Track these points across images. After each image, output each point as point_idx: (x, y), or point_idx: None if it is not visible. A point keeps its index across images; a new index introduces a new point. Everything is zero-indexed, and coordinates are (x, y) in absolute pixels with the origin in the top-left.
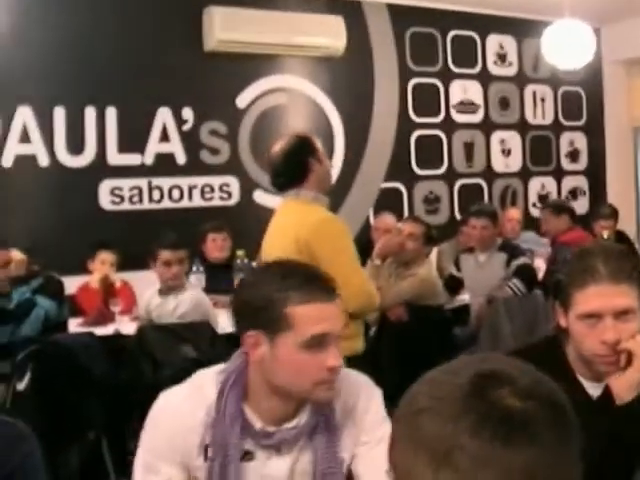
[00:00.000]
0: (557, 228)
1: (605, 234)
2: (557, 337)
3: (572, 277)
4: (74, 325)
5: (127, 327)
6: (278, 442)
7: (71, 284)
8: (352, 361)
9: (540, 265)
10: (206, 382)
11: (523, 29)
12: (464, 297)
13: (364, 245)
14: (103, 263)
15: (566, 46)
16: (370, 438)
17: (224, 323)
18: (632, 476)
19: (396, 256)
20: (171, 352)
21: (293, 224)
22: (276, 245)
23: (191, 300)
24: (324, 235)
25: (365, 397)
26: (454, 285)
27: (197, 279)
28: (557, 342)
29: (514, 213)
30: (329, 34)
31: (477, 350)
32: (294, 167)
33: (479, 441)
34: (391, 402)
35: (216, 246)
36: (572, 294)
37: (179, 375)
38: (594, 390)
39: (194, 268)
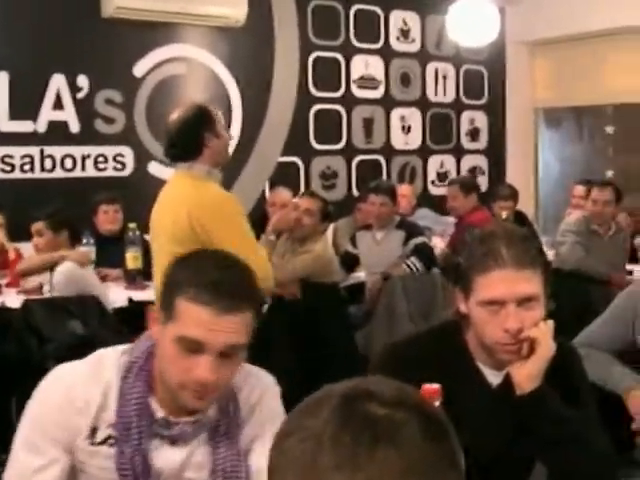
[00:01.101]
0: (464, 207)
1: (504, 214)
2: (457, 322)
3: (473, 261)
4: None
5: (13, 300)
6: (176, 435)
7: None
8: None
9: (437, 244)
10: (106, 362)
11: (427, 6)
12: (360, 274)
13: (259, 219)
14: None
15: (470, 24)
16: (266, 431)
17: (114, 297)
18: (532, 466)
19: (291, 232)
20: (58, 328)
21: (185, 200)
22: (166, 220)
23: (63, 274)
24: (218, 215)
25: (265, 391)
26: (350, 262)
27: (87, 252)
28: (457, 328)
29: (406, 189)
30: (230, 4)
31: (372, 329)
32: (188, 140)
33: (341, 450)
34: (279, 381)
35: (108, 218)
36: (473, 279)
37: (65, 351)
38: (495, 378)
39: (84, 240)
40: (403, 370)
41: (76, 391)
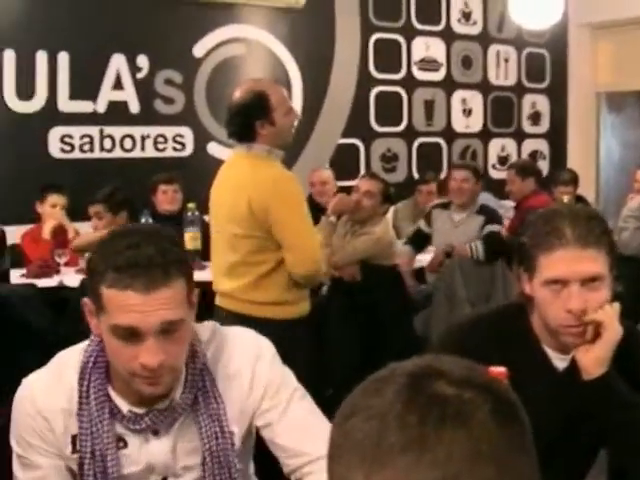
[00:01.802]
0: (522, 191)
1: (565, 199)
2: (522, 304)
3: (538, 240)
4: (17, 276)
5: (72, 279)
6: (149, 425)
7: (20, 233)
8: (297, 324)
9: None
10: (66, 365)
11: None
12: (425, 257)
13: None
14: (53, 206)
15: (533, 5)
16: (275, 402)
17: None
18: (595, 454)
19: (352, 214)
20: None
21: (245, 181)
22: (225, 201)
23: None
24: (277, 194)
25: (249, 360)
26: (420, 241)
27: None
28: (522, 310)
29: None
30: None
31: (432, 312)
32: (240, 127)
33: (407, 430)
34: (337, 363)
35: (166, 198)
36: (537, 258)
37: None
38: (560, 362)
39: (142, 220)
40: (465, 352)
41: (41, 402)
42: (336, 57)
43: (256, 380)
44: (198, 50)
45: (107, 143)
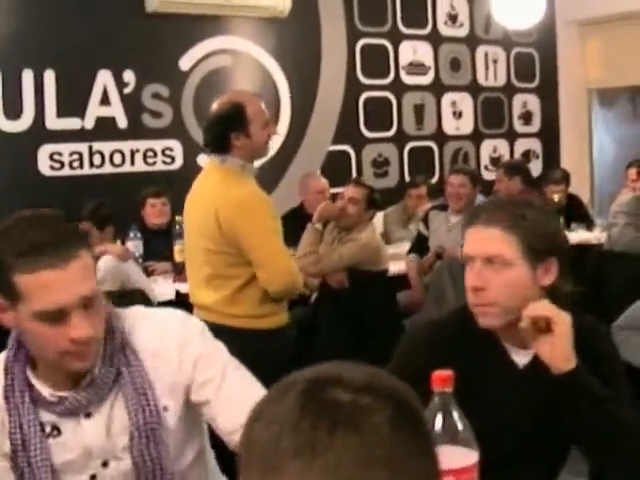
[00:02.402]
0: (509, 190)
1: (556, 198)
2: None
3: (464, 222)
4: None
5: None
6: (75, 407)
7: None
8: (276, 333)
9: None
10: None
11: None
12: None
13: (297, 210)
14: None
15: (515, 5)
16: (210, 375)
17: (161, 291)
18: (569, 449)
19: (337, 221)
20: None
21: (215, 197)
22: (196, 215)
23: (101, 269)
24: (246, 214)
25: (177, 334)
26: (421, 245)
27: (133, 246)
28: None
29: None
30: None
31: (421, 316)
32: (215, 138)
33: (301, 435)
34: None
35: (155, 211)
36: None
37: None
38: (521, 358)
39: (131, 234)
40: (429, 352)
41: None
42: (323, 64)
43: (185, 353)
44: (184, 63)
45: (96, 159)
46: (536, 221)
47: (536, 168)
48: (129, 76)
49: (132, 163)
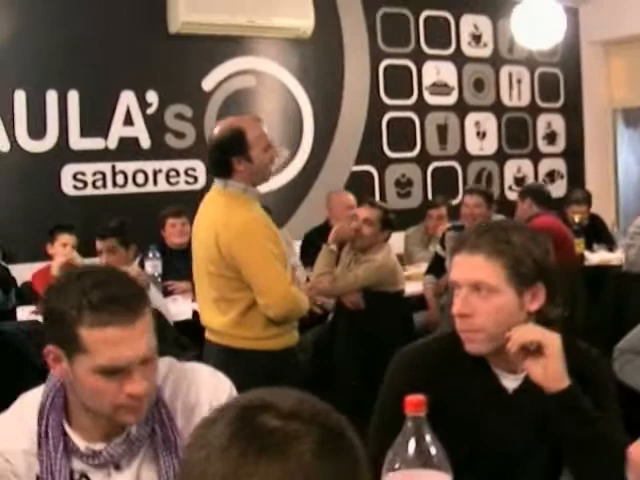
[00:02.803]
0: (522, 213)
1: (577, 218)
2: None
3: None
4: (27, 313)
5: None
6: (109, 460)
7: (32, 271)
8: (286, 353)
9: None
10: (27, 405)
11: (498, 9)
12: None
13: (322, 228)
14: (63, 246)
15: (535, 25)
16: None
17: (179, 310)
18: (560, 471)
19: (352, 242)
20: None
21: (216, 222)
22: (201, 238)
23: None
24: (244, 239)
25: (207, 392)
26: (438, 266)
27: (152, 266)
28: None
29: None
30: (296, 15)
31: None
32: (216, 164)
33: (228, 461)
34: (344, 390)
35: (175, 231)
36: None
37: None
38: (510, 382)
39: (150, 254)
40: (417, 376)
41: (1, 444)
42: (346, 85)
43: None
44: (207, 84)
45: (119, 179)
46: (522, 246)
47: (560, 188)
48: (152, 97)
49: (155, 183)
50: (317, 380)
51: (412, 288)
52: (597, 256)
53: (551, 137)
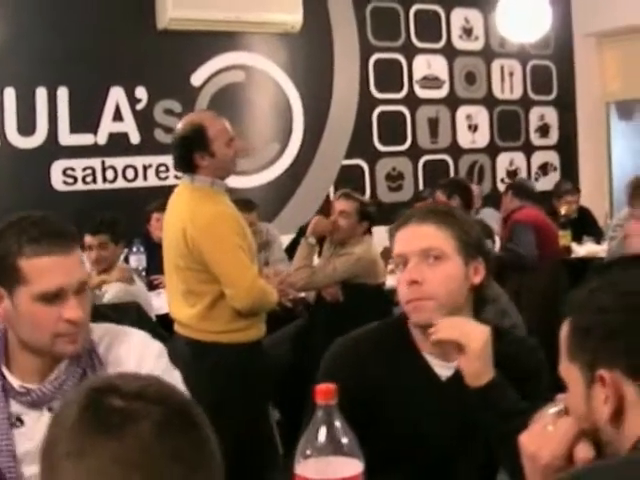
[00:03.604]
0: (505, 206)
1: (563, 210)
2: (404, 315)
3: (393, 228)
4: None
5: None
6: (41, 398)
7: None
8: (255, 346)
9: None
10: None
11: (489, 2)
12: None
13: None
14: None
15: (521, 18)
16: None
17: (162, 303)
18: (494, 466)
19: (330, 235)
20: None
21: (184, 215)
22: (169, 233)
23: (118, 298)
24: (211, 232)
25: (137, 350)
26: None
27: (137, 260)
28: (403, 321)
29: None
30: (284, 10)
31: None
32: (180, 159)
33: (73, 439)
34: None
35: (160, 225)
36: (391, 244)
37: None
38: (444, 370)
39: (134, 249)
40: (352, 366)
41: None
42: (336, 79)
43: (141, 369)
44: (196, 79)
45: (109, 174)
46: (466, 221)
47: (554, 181)
48: (141, 92)
49: (145, 178)
50: (296, 372)
51: (391, 281)
52: (584, 248)
53: (544, 130)
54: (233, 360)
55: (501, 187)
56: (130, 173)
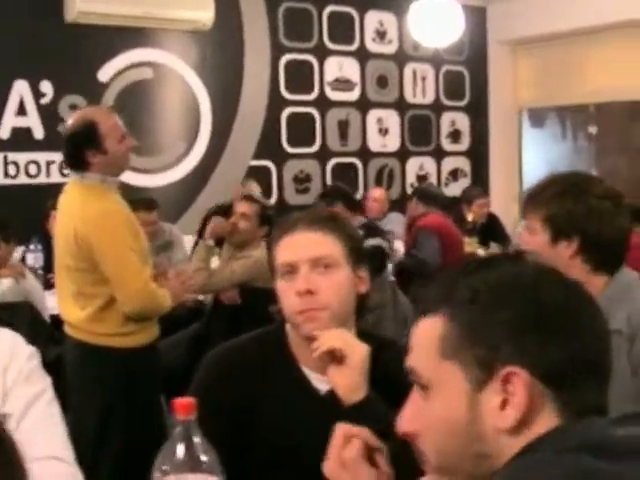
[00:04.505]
0: (410, 212)
1: (470, 217)
2: (282, 324)
3: (274, 234)
4: None
5: None
6: None
7: None
8: (146, 350)
9: (400, 247)
10: None
11: (404, 6)
12: None
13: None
14: None
15: (432, 23)
16: (21, 393)
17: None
18: None
19: (229, 237)
20: None
21: (74, 213)
22: (59, 234)
23: (6, 294)
24: (101, 229)
25: (6, 349)
26: None
27: (34, 258)
28: (280, 330)
29: (378, 193)
30: (196, 7)
31: None
32: (70, 157)
33: None
34: None
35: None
36: (273, 251)
37: None
38: (322, 384)
39: (32, 247)
40: (227, 377)
41: None
42: (245, 79)
43: (10, 367)
44: (103, 75)
45: (11, 169)
46: (349, 226)
47: (464, 187)
48: (46, 87)
49: (48, 174)
50: (191, 377)
51: None
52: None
53: (455, 135)
54: (123, 364)
55: (410, 192)
56: (33, 169)
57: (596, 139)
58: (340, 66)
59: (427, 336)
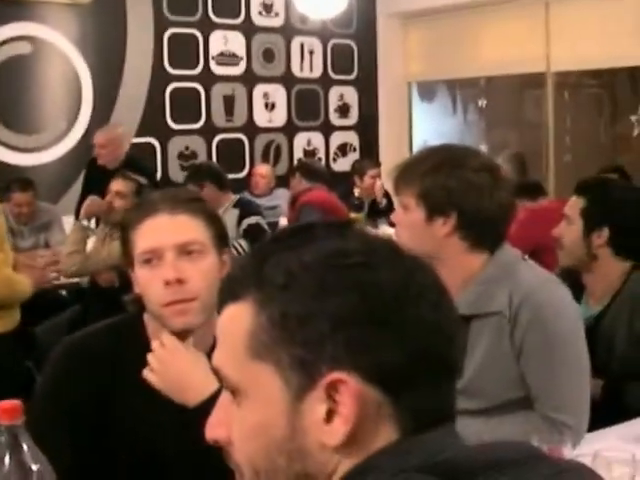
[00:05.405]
0: (294, 188)
1: (357, 192)
2: (140, 311)
3: (129, 217)
4: None
5: None
6: None
7: None
8: (5, 337)
9: (284, 223)
10: None
11: None
12: None
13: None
14: None
15: None
16: None
17: None
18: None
19: (106, 216)
20: None
21: None
22: None
23: None
24: None
25: None
26: None
27: None
28: (137, 318)
29: (264, 170)
30: None
31: None
32: None
33: None
34: None
35: None
36: (130, 237)
37: None
38: None
39: None
40: (78, 367)
41: None
42: (128, 54)
43: None
44: None
45: None
46: (213, 210)
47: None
48: None
49: None
50: None
51: None
52: (379, 232)
53: (343, 110)
54: None
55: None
56: None
57: (486, 112)
58: (225, 40)
59: (232, 329)
